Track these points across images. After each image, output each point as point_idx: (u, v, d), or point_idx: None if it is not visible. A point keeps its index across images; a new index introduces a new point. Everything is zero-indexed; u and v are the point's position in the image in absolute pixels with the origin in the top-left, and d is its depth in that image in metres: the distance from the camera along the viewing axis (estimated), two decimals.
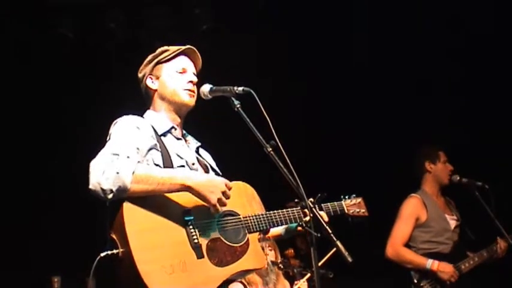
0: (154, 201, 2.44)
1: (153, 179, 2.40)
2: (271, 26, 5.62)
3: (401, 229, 4.57)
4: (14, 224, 5.19)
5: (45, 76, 5.52)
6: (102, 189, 2.34)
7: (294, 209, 2.75)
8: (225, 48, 4.95)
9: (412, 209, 4.61)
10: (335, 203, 3.05)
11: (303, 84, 5.93)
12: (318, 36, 5.74)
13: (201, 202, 2.52)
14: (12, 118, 5.43)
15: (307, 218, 2.50)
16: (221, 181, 2.55)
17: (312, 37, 5.77)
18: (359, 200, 3.14)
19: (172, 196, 2.50)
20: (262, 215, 2.71)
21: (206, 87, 2.77)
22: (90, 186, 2.37)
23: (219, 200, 2.49)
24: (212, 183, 2.51)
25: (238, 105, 2.63)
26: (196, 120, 2.90)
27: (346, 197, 3.13)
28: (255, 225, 2.66)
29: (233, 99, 2.65)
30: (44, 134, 5.49)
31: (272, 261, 4.19)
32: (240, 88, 2.63)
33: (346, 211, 3.06)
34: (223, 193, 2.51)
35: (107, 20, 5.53)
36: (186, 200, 2.52)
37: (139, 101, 2.86)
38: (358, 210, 3.10)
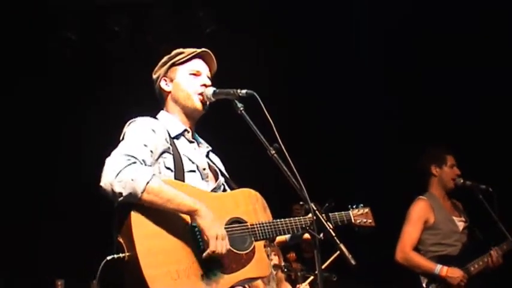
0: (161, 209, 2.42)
1: (165, 194, 2.38)
2: (273, 27, 5.63)
3: (410, 233, 4.54)
4: (18, 227, 5.19)
5: (48, 78, 5.52)
6: (113, 191, 2.33)
7: (301, 217, 2.74)
8: (228, 50, 4.94)
9: (420, 212, 4.58)
10: (342, 212, 3.02)
11: (303, 85, 5.93)
12: (319, 37, 5.75)
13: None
14: (15, 120, 5.43)
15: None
16: (223, 229, 2.49)
17: (313, 38, 5.77)
18: (366, 210, 3.11)
19: None
20: (269, 223, 2.68)
21: (209, 90, 2.75)
22: (102, 184, 2.36)
23: (217, 237, 2.42)
24: (218, 222, 2.47)
25: (241, 108, 2.61)
26: (201, 123, 2.89)
27: (354, 206, 3.09)
28: (262, 233, 2.64)
29: (236, 102, 2.62)
30: (47, 136, 5.49)
31: (275, 265, 4.19)
32: (244, 91, 2.61)
33: (353, 221, 3.03)
34: (222, 238, 2.45)
35: (110, 23, 5.55)
36: None
37: (142, 102, 2.86)
38: (365, 220, 3.07)
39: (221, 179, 2.80)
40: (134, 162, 2.39)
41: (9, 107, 5.37)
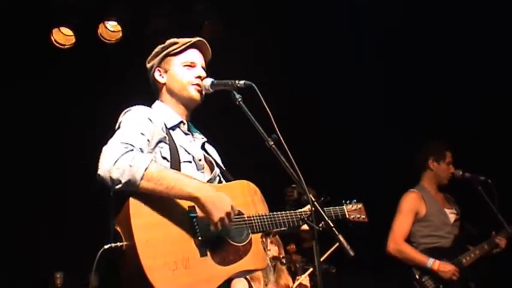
0: (161, 196, 2.41)
1: (164, 180, 2.37)
2: (271, 23, 5.64)
3: (402, 224, 4.56)
4: (17, 221, 5.21)
5: (47, 76, 5.53)
6: (112, 178, 2.31)
7: (298, 210, 2.76)
8: (227, 45, 4.96)
9: (411, 204, 4.60)
10: (337, 207, 3.05)
11: (302, 79, 5.94)
12: (317, 36, 5.76)
13: None
14: (15, 118, 5.44)
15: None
16: (229, 202, 2.48)
17: (311, 36, 5.78)
18: (360, 205, 3.14)
19: None
20: (266, 215, 2.69)
21: (207, 81, 2.75)
22: (100, 172, 2.33)
23: (221, 219, 2.44)
24: (220, 201, 2.45)
25: (239, 99, 2.61)
26: (198, 114, 2.89)
27: (348, 201, 3.13)
28: (259, 225, 2.65)
29: (234, 93, 2.63)
30: (47, 135, 5.50)
31: (274, 257, 4.19)
32: (242, 82, 2.62)
33: (347, 216, 3.06)
34: (228, 214, 2.46)
35: (111, 19, 5.56)
36: None
37: (142, 98, 2.86)
38: (358, 215, 3.10)
39: (216, 170, 2.80)
40: (131, 150, 2.38)
41: (8, 106, 5.38)
